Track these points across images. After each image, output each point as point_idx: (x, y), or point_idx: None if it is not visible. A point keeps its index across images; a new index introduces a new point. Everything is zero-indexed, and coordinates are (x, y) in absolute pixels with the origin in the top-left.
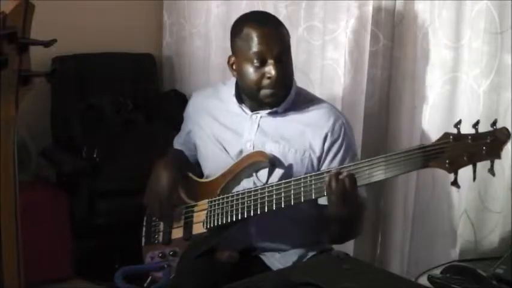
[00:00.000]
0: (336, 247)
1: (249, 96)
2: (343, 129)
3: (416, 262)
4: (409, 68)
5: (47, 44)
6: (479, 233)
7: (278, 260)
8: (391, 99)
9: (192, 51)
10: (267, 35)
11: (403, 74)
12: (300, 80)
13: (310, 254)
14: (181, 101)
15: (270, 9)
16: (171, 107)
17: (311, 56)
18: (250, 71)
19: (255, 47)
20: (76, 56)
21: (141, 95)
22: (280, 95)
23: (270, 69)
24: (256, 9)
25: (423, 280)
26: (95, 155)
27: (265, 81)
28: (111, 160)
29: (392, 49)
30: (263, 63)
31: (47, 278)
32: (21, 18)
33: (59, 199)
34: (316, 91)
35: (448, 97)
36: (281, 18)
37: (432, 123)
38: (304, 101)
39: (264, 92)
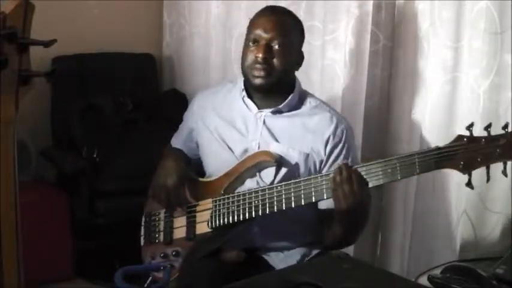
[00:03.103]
0: None
1: (248, 81)
2: (344, 134)
3: (416, 262)
4: (409, 68)
5: (47, 44)
6: (479, 233)
7: (282, 260)
8: (391, 99)
9: (192, 51)
10: (266, 21)
11: (403, 74)
12: (300, 80)
13: (314, 252)
14: (181, 101)
15: None
16: (171, 107)
17: (311, 56)
18: (246, 51)
19: (254, 29)
20: (76, 56)
21: (141, 95)
22: (266, 78)
23: (259, 50)
24: (256, 9)
25: (423, 280)
26: (95, 155)
27: (254, 60)
28: (111, 160)
29: (392, 49)
30: (257, 44)
31: (47, 278)
32: (21, 18)
33: (59, 199)
34: (316, 91)
35: (448, 97)
36: None
37: (432, 123)
38: (310, 105)
39: (253, 72)
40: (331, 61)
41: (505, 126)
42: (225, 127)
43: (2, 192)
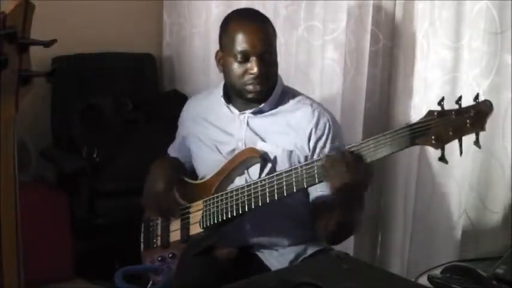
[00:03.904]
0: (336, 247)
1: (235, 92)
2: (327, 126)
3: (416, 262)
4: (409, 68)
5: (47, 44)
6: (479, 233)
7: (276, 258)
8: (391, 99)
9: (192, 51)
10: (251, 33)
11: (403, 74)
12: (300, 80)
13: (309, 252)
14: (181, 101)
15: (270, 9)
16: (171, 107)
17: (311, 56)
18: (234, 66)
19: (239, 44)
20: (76, 56)
21: (141, 95)
22: (263, 90)
23: (253, 66)
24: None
25: (423, 280)
26: (95, 155)
27: (248, 77)
28: (111, 160)
29: (392, 49)
30: (246, 59)
31: (47, 278)
32: (21, 18)
33: (59, 199)
34: (316, 91)
35: (448, 97)
36: (281, 18)
37: None
38: (292, 101)
39: (247, 87)
40: (331, 61)
41: (476, 98)
42: (213, 131)
43: (2, 192)
